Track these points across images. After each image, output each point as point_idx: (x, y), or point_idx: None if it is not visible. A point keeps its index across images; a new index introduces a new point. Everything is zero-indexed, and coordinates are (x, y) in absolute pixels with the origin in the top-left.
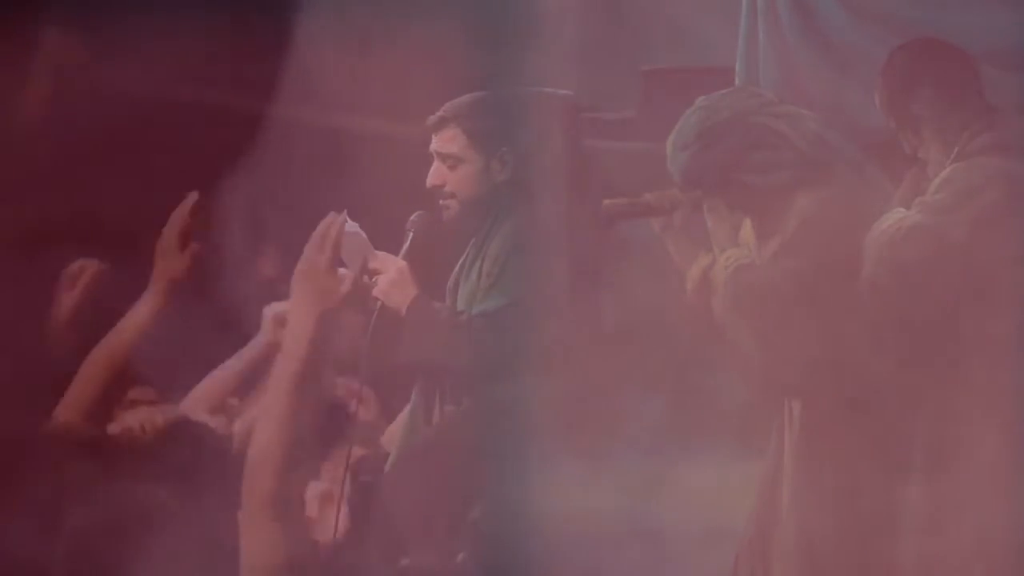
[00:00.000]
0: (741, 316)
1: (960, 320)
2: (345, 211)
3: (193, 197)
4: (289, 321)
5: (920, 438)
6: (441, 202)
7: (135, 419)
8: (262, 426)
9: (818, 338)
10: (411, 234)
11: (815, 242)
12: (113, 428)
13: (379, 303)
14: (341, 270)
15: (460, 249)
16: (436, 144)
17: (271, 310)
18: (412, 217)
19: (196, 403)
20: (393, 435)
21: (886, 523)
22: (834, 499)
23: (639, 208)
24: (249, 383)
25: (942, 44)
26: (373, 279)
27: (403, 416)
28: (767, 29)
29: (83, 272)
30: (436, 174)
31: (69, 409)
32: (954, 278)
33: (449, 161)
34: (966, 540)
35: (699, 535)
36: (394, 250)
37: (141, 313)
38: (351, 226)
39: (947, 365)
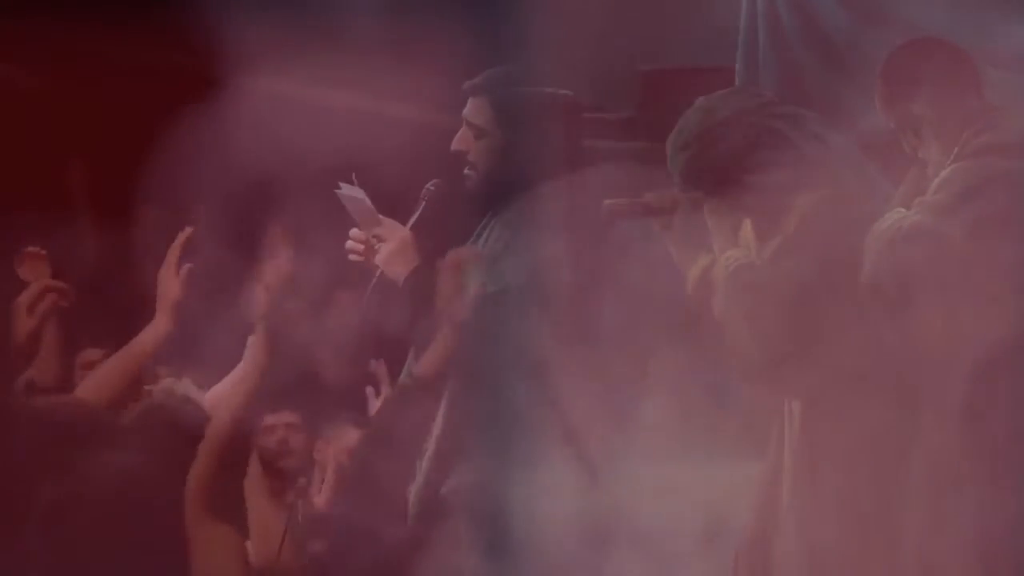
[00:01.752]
0: (741, 316)
1: (959, 320)
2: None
3: (187, 233)
4: None
5: (920, 438)
6: (465, 171)
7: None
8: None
9: (818, 338)
10: (423, 203)
11: (815, 242)
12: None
13: (379, 271)
14: None
15: (473, 220)
16: (467, 110)
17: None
18: (427, 185)
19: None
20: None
21: (886, 523)
22: (834, 499)
23: (639, 208)
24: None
25: (942, 44)
26: (377, 245)
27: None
28: (767, 29)
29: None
30: (461, 139)
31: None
32: (954, 278)
33: (475, 130)
34: (966, 540)
35: (699, 535)
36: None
37: (153, 334)
38: (356, 191)
39: (947, 365)
